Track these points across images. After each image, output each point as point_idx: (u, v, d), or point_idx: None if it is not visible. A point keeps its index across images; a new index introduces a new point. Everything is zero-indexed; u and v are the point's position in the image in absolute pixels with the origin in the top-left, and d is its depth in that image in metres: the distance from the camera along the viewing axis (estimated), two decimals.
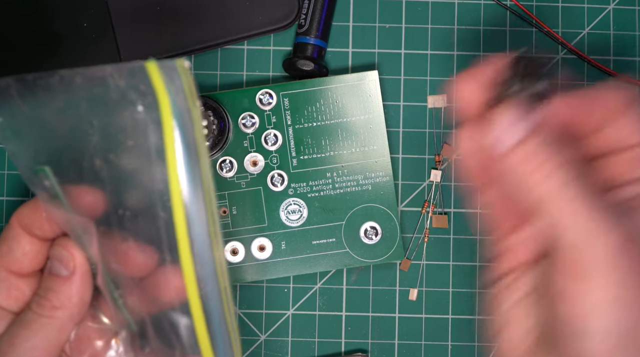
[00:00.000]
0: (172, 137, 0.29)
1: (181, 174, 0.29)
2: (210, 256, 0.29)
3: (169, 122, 0.29)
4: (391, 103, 0.45)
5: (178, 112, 0.29)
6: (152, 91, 0.29)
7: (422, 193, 0.45)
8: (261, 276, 0.43)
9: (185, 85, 0.29)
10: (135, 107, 0.29)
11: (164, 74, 0.29)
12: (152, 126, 0.29)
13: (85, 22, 0.44)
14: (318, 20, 0.44)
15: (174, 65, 0.29)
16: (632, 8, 0.46)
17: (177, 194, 0.29)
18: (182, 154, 0.29)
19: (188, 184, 0.29)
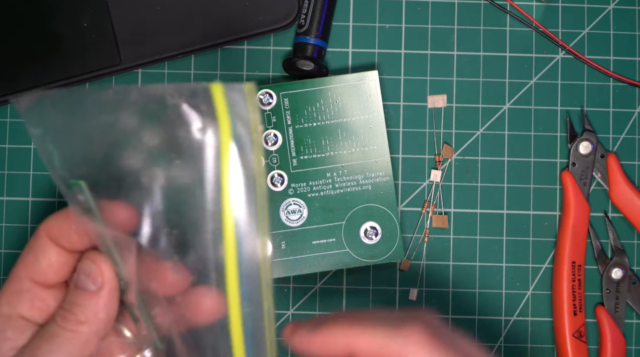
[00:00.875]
0: (228, 161, 0.29)
1: (235, 202, 0.29)
2: (257, 278, 0.30)
3: (226, 146, 0.29)
4: (391, 103, 0.45)
5: (238, 137, 0.29)
6: (214, 113, 0.29)
7: (422, 193, 0.45)
8: None
9: (249, 109, 0.29)
10: (193, 128, 0.29)
11: (228, 97, 0.29)
12: (209, 148, 0.29)
13: (85, 22, 0.44)
14: (318, 20, 0.44)
15: (241, 88, 0.29)
16: (632, 8, 0.46)
17: (229, 224, 0.29)
18: (239, 182, 0.29)
19: (242, 212, 0.29)
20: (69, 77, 0.44)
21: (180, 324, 0.31)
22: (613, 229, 0.45)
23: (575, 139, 0.45)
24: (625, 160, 0.46)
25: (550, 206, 0.45)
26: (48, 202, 0.45)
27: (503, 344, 0.45)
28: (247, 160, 0.29)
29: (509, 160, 0.45)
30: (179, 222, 0.30)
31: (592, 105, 0.46)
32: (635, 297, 0.45)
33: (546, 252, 0.45)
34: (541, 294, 0.45)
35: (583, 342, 0.44)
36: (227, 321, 0.30)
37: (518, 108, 0.46)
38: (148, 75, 0.45)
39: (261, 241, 0.30)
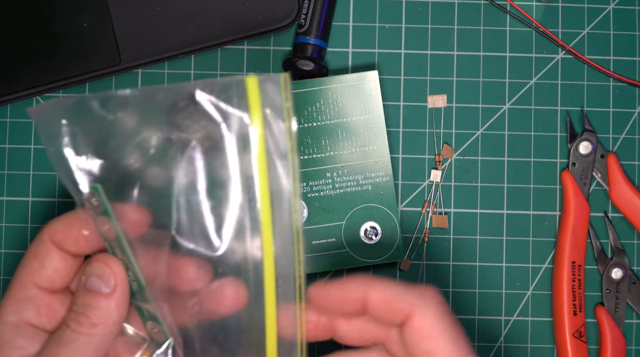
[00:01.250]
0: (263, 149, 0.29)
1: (272, 189, 0.29)
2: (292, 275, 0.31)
3: (260, 133, 0.29)
4: (391, 103, 0.45)
5: (269, 124, 0.29)
6: (246, 105, 0.29)
7: (422, 193, 0.45)
8: None
9: (283, 98, 0.29)
10: (221, 123, 0.29)
11: (262, 88, 0.29)
12: (242, 138, 0.29)
13: (85, 22, 0.44)
14: (318, 20, 0.44)
15: (277, 79, 0.29)
16: (632, 8, 0.46)
17: (266, 218, 0.30)
18: (271, 169, 0.29)
19: (280, 202, 0.30)
20: (69, 77, 0.44)
21: (200, 317, 0.31)
22: (613, 229, 0.45)
23: (575, 139, 0.45)
24: (625, 161, 0.46)
25: (550, 206, 0.45)
26: (48, 202, 0.45)
27: (503, 344, 0.45)
28: (280, 148, 0.29)
29: (509, 160, 0.45)
30: (210, 216, 0.30)
31: (592, 105, 0.46)
32: (635, 297, 0.45)
33: (546, 252, 0.45)
34: (541, 294, 0.45)
35: (583, 342, 0.44)
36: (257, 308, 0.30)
37: (518, 108, 0.46)
38: (148, 75, 0.45)
39: (294, 224, 0.30)
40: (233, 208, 0.30)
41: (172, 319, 0.32)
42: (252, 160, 0.29)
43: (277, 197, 0.30)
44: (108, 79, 0.45)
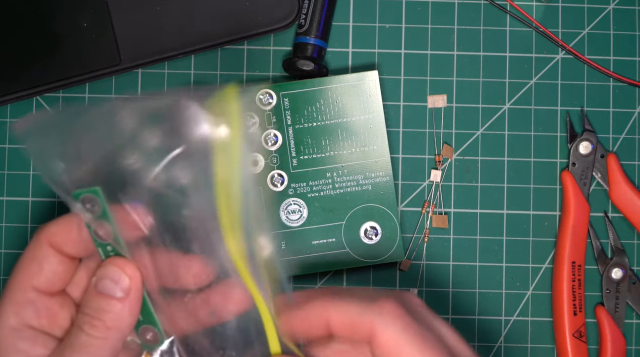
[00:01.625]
0: (239, 160, 0.29)
1: (244, 199, 0.30)
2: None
3: (237, 146, 0.30)
4: (391, 103, 0.45)
5: (245, 139, 0.30)
6: (227, 114, 0.29)
7: (422, 193, 0.45)
8: None
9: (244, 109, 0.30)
10: (204, 128, 0.29)
11: (241, 99, 0.29)
12: (218, 148, 0.29)
13: (85, 22, 0.44)
14: (318, 20, 0.44)
15: (251, 91, 0.30)
16: (632, 8, 0.46)
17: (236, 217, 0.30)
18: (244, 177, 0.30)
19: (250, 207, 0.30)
20: (69, 77, 0.44)
21: (204, 319, 0.31)
22: (613, 229, 0.45)
23: (575, 139, 0.45)
24: (625, 161, 0.46)
25: (550, 206, 0.45)
26: (48, 202, 0.45)
27: (503, 344, 0.45)
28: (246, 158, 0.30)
29: (509, 160, 0.45)
30: (191, 217, 0.30)
31: (592, 105, 0.46)
32: (635, 297, 0.45)
33: (546, 252, 0.45)
34: (541, 294, 0.45)
35: (583, 342, 0.44)
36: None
37: (518, 108, 0.46)
38: (148, 75, 0.45)
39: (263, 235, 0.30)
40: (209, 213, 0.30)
41: (171, 320, 0.32)
42: (234, 166, 0.30)
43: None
44: (108, 79, 0.45)
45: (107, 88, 0.45)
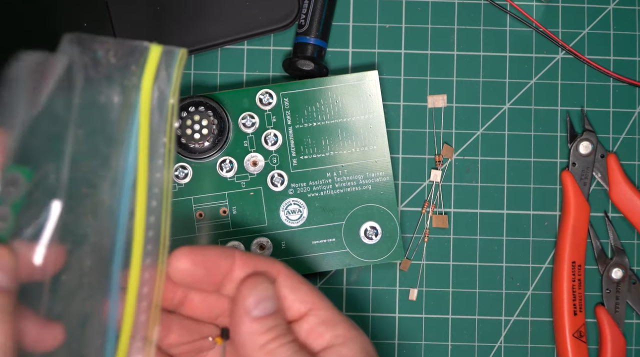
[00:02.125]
0: (147, 122, 0.29)
1: (150, 162, 0.29)
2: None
3: (146, 107, 0.29)
4: (391, 103, 0.45)
5: (157, 98, 0.29)
6: (142, 74, 0.29)
7: (422, 193, 0.45)
8: None
9: (175, 74, 0.29)
10: (115, 89, 0.29)
11: (161, 60, 0.29)
12: (129, 109, 0.29)
13: (85, 22, 0.44)
14: (318, 20, 0.44)
15: (177, 52, 0.29)
16: (632, 8, 0.46)
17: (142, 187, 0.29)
18: (151, 141, 0.29)
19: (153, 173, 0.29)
20: None
21: None
22: (613, 229, 0.45)
23: (575, 139, 0.45)
24: (625, 161, 0.46)
25: (550, 206, 0.45)
26: None
27: (503, 344, 0.45)
28: (161, 125, 0.29)
29: (509, 160, 0.45)
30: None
31: (592, 105, 0.46)
32: (635, 297, 0.45)
33: (546, 252, 0.45)
34: (541, 294, 0.45)
35: (583, 342, 0.44)
36: None
37: (518, 108, 0.46)
38: None
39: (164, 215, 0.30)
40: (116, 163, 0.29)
41: None
42: (138, 132, 0.29)
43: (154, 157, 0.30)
44: None
45: None
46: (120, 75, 0.29)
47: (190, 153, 0.42)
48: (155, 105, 0.29)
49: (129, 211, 0.29)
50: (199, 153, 0.42)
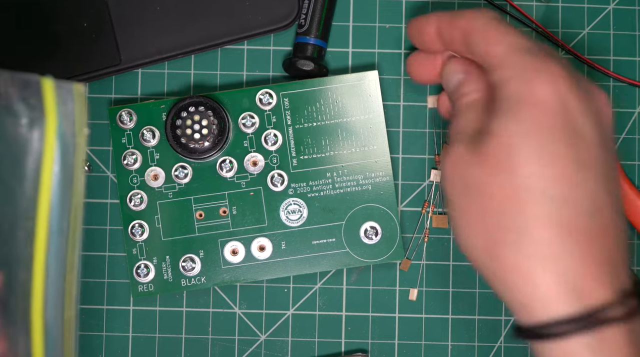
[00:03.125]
0: (51, 158, 0.28)
1: (52, 199, 0.28)
2: (62, 287, 0.29)
3: (51, 142, 0.28)
4: (391, 103, 0.45)
5: (62, 135, 0.28)
6: (42, 108, 0.28)
7: (422, 193, 0.45)
8: (261, 276, 0.43)
9: (77, 111, 0.28)
10: (20, 119, 0.28)
11: (58, 94, 0.28)
12: (33, 142, 0.28)
13: (85, 22, 0.44)
14: (318, 20, 0.44)
15: (70, 88, 0.28)
16: (632, 8, 0.46)
17: (43, 224, 0.28)
18: (57, 180, 0.28)
19: (55, 214, 0.28)
20: (69, 77, 0.44)
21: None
22: None
23: None
24: (625, 161, 0.46)
25: None
26: None
27: (503, 344, 0.45)
28: (69, 161, 0.28)
29: None
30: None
31: None
32: None
33: None
34: None
35: None
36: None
37: None
38: (148, 75, 0.45)
39: (70, 256, 0.29)
40: (13, 214, 0.28)
41: None
42: (41, 168, 0.28)
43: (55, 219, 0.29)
44: (108, 79, 0.45)
45: (107, 88, 0.45)
46: (22, 107, 0.28)
47: (190, 153, 0.42)
48: (60, 140, 0.28)
49: (28, 248, 0.29)
50: (199, 153, 0.42)
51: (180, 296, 0.45)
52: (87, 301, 0.45)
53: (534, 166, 0.31)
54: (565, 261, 0.31)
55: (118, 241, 0.45)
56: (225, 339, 0.45)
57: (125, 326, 0.45)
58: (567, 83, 0.32)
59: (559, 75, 0.32)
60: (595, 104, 0.33)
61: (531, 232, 0.31)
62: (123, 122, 0.43)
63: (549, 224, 0.31)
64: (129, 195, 0.43)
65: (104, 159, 0.45)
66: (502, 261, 0.32)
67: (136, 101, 0.45)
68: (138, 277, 0.43)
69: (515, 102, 0.32)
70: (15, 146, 0.28)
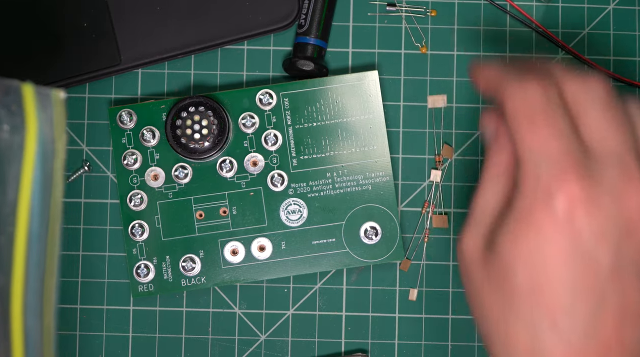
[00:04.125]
0: (31, 164, 0.28)
1: (32, 205, 0.28)
2: (41, 291, 0.29)
3: (31, 148, 0.28)
4: (391, 103, 0.45)
5: (42, 141, 0.28)
6: (23, 114, 0.28)
7: (422, 193, 0.45)
8: (261, 276, 0.43)
9: (56, 117, 0.28)
10: (1, 125, 0.28)
11: (38, 100, 0.28)
12: (14, 148, 0.28)
13: (85, 22, 0.44)
14: (318, 20, 0.44)
15: (49, 94, 0.28)
16: (632, 8, 0.46)
17: (23, 221, 0.28)
18: (37, 185, 0.28)
19: (35, 221, 0.28)
20: (69, 77, 0.44)
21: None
22: None
23: None
24: None
25: None
26: None
27: None
28: (48, 167, 0.28)
29: None
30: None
31: None
32: None
33: None
34: None
35: None
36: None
37: None
38: (148, 75, 0.45)
39: (49, 261, 0.29)
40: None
41: None
42: (21, 174, 0.28)
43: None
44: (108, 79, 0.45)
45: (107, 88, 0.45)
46: (3, 113, 0.28)
47: (190, 153, 0.42)
48: (40, 146, 0.28)
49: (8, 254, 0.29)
50: (199, 153, 0.42)
51: (180, 296, 0.45)
52: (87, 301, 0.45)
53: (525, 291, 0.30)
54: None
55: (118, 241, 0.45)
56: (225, 339, 0.45)
57: (125, 326, 0.45)
58: (582, 201, 0.29)
59: (573, 193, 0.29)
60: (619, 221, 0.29)
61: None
62: (123, 122, 0.43)
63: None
64: (129, 195, 0.43)
65: (104, 159, 0.45)
66: None
67: (136, 101, 0.45)
68: (138, 277, 0.43)
69: (524, 219, 0.30)
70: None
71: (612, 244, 0.29)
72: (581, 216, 0.29)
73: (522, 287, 0.29)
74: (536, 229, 0.29)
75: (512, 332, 0.30)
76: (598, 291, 0.29)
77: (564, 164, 0.29)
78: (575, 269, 0.29)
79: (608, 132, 0.30)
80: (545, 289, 0.29)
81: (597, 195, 0.29)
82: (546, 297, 0.29)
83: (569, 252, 0.29)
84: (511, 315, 0.30)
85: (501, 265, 0.30)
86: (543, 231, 0.29)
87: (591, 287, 0.29)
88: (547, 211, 0.29)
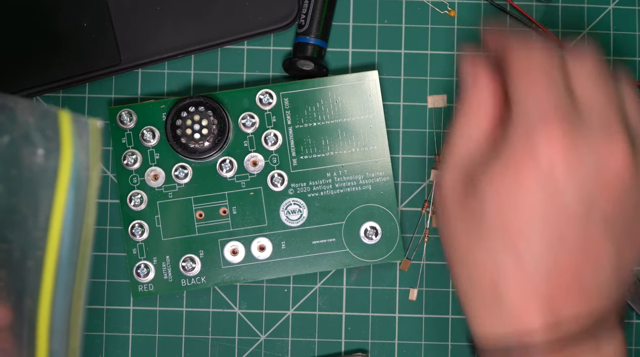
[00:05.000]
0: (64, 189, 0.28)
1: (63, 230, 0.28)
2: (69, 309, 0.29)
3: (65, 174, 0.28)
4: (391, 103, 0.45)
5: (77, 168, 0.28)
6: (58, 140, 0.28)
7: (422, 193, 0.45)
8: (261, 276, 0.43)
9: (92, 145, 0.28)
10: (37, 149, 0.28)
11: (74, 127, 0.28)
12: (48, 173, 0.28)
13: (85, 22, 0.44)
14: (318, 20, 0.44)
15: (86, 122, 0.28)
16: (632, 8, 0.46)
17: (52, 254, 0.28)
18: (69, 212, 0.28)
19: (66, 246, 0.28)
20: (69, 77, 0.44)
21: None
22: None
23: None
24: None
25: None
26: None
27: None
28: (81, 195, 0.28)
29: None
30: (4, 241, 0.29)
31: None
32: (635, 297, 0.45)
33: None
34: None
35: None
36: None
37: None
38: (148, 75, 0.45)
39: (78, 284, 0.29)
40: (25, 242, 0.28)
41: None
42: (54, 200, 0.28)
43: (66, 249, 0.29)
44: (108, 79, 0.45)
45: (107, 88, 0.45)
46: (39, 137, 0.28)
47: (190, 153, 0.42)
48: (75, 172, 0.28)
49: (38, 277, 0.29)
50: (199, 153, 0.42)
51: (180, 296, 0.45)
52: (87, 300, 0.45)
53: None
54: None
55: (118, 241, 0.45)
56: (225, 339, 0.45)
57: (125, 326, 0.45)
58: (563, 148, 0.31)
59: (555, 138, 0.31)
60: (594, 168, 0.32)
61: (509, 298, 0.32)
62: (123, 122, 0.43)
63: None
64: (129, 195, 0.43)
65: (104, 159, 0.45)
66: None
67: (136, 101, 0.45)
68: (138, 277, 0.43)
69: (507, 162, 0.31)
70: (30, 176, 0.28)
71: (585, 193, 0.31)
72: (560, 162, 0.31)
73: (492, 220, 0.31)
74: (516, 171, 0.31)
75: (478, 260, 0.32)
76: (560, 229, 0.31)
77: (552, 114, 0.31)
78: (544, 207, 0.31)
79: (598, 97, 0.32)
80: (513, 223, 0.31)
81: (579, 147, 0.31)
82: (513, 230, 0.31)
83: (542, 192, 0.31)
84: (479, 245, 0.32)
85: (475, 199, 0.32)
86: (522, 173, 0.31)
87: (554, 224, 0.31)
88: (530, 155, 0.31)
